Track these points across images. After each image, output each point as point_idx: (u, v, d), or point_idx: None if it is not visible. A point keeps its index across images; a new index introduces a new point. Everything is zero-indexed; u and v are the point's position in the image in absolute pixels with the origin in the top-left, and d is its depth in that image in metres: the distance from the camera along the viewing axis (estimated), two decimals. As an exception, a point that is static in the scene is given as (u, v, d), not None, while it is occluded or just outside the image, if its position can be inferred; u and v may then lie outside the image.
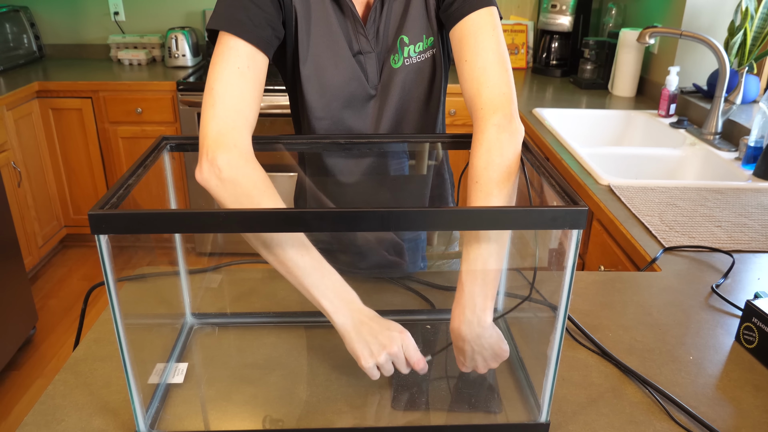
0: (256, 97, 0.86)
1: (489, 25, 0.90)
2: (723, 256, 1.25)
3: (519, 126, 0.86)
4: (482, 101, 0.86)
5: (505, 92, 0.87)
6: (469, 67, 0.89)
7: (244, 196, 0.77)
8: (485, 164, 0.81)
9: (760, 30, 2.12)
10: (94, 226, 0.60)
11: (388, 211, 0.60)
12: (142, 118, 2.94)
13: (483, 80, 0.87)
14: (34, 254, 2.90)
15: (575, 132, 2.37)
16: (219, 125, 0.80)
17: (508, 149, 0.83)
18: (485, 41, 0.89)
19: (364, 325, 0.79)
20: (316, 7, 0.97)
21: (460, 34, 0.92)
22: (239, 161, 0.79)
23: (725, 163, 1.82)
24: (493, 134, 0.83)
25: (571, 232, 0.63)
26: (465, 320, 0.78)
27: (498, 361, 0.82)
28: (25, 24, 3.26)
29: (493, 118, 0.84)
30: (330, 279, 0.79)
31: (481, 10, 0.90)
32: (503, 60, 0.89)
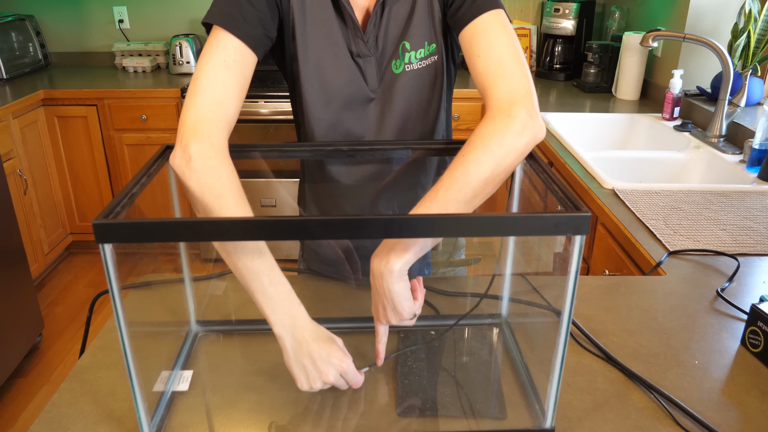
0: (239, 91, 0.87)
1: (500, 23, 0.88)
2: (728, 259, 1.24)
3: (538, 125, 0.80)
4: (499, 92, 0.81)
5: (525, 85, 0.82)
6: (482, 61, 0.85)
7: (207, 187, 0.78)
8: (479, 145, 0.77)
9: (764, 32, 2.11)
10: (98, 235, 0.61)
11: (389, 219, 0.60)
12: (147, 125, 2.96)
13: (500, 72, 0.83)
14: (40, 261, 2.92)
15: (579, 136, 2.37)
16: (197, 114, 0.82)
17: (513, 142, 0.77)
18: (498, 37, 0.86)
19: (303, 347, 0.78)
20: (314, 9, 0.98)
21: (471, 34, 0.89)
22: (210, 152, 0.80)
23: (730, 166, 1.82)
24: (503, 122, 0.78)
25: (574, 237, 0.63)
26: (378, 256, 0.78)
27: (396, 318, 0.81)
28: (30, 32, 3.28)
29: (510, 109, 0.79)
30: (278, 288, 0.78)
31: (490, 11, 0.89)
32: (519, 56, 0.85)
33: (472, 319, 1.01)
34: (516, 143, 0.77)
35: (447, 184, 0.76)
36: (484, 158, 0.76)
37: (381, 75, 1.03)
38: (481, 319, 1.01)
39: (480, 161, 0.76)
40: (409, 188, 1.12)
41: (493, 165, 0.76)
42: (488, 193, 0.77)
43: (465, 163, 0.76)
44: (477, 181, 0.76)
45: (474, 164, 0.76)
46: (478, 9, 0.89)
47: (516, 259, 0.99)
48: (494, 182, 0.77)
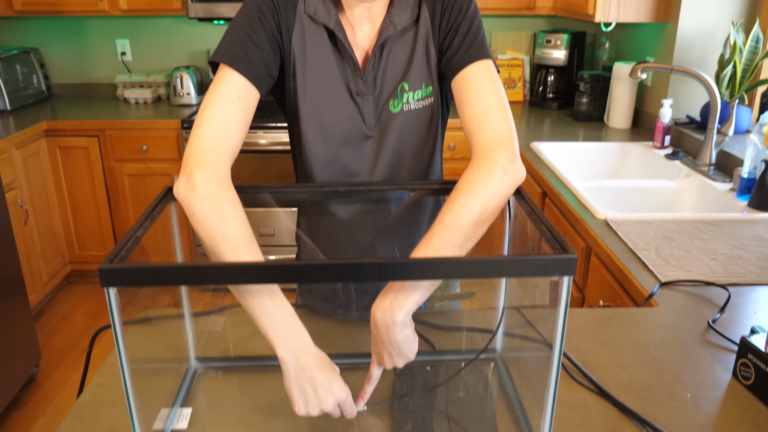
0: (242, 124, 0.92)
1: (488, 74, 0.95)
2: (719, 289, 1.27)
3: (518, 168, 0.85)
4: (483, 138, 0.88)
5: (506, 131, 0.88)
6: (470, 108, 0.92)
7: (210, 213, 0.81)
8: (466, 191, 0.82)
9: (749, 63, 2.16)
10: (104, 279, 0.63)
11: (385, 263, 0.62)
12: (148, 155, 2.99)
13: (485, 119, 0.90)
14: (39, 291, 2.93)
15: (572, 165, 2.40)
16: (202, 145, 0.87)
17: (496, 185, 0.82)
18: (486, 87, 0.93)
19: (305, 372, 0.80)
20: (315, 47, 1.03)
21: (461, 81, 0.96)
22: (213, 180, 0.84)
23: (720, 194, 1.85)
24: (486, 167, 0.84)
25: (562, 278, 0.65)
26: (380, 307, 0.80)
27: (402, 361, 0.84)
28: (35, 65, 3.33)
29: (492, 154, 0.85)
30: (282, 311, 0.80)
31: (480, 61, 0.96)
32: (504, 104, 0.92)
33: (467, 354, 1.02)
34: (500, 186, 0.83)
35: (440, 230, 0.80)
36: (472, 202, 0.81)
37: (378, 114, 1.06)
38: (474, 354, 1.03)
39: (469, 205, 0.81)
40: (406, 227, 1.15)
41: (481, 208, 0.81)
42: (479, 235, 0.81)
43: (455, 208, 0.81)
44: (467, 224, 0.80)
45: (463, 209, 0.80)
46: (469, 58, 0.96)
47: (512, 289, 1.01)
48: (484, 224, 0.82)
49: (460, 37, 0.98)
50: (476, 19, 1.00)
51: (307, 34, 1.02)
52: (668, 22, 2.51)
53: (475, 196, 0.81)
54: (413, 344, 0.83)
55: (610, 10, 2.51)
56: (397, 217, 1.14)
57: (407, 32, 1.04)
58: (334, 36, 1.03)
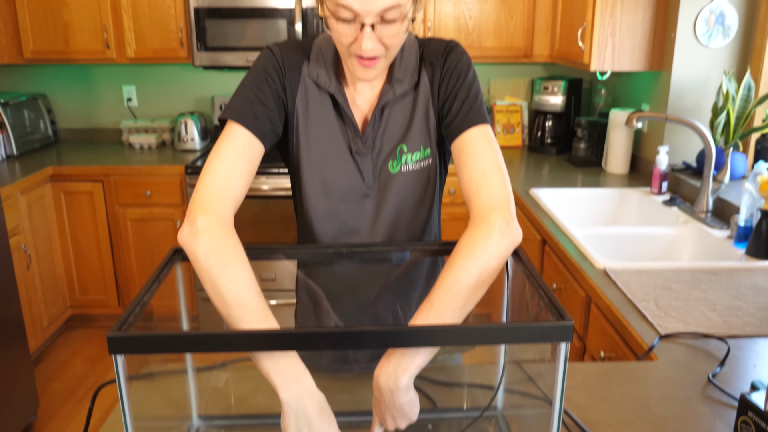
0: (246, 175, 0.96)
1: (485, 138, 0.99)
2: (719, 341, 1.27)
3: (515, 231, 0.88)
4: (481, 201, 0.91)
5: (503, 195, 0.92)
6: (468, 171, 0.96)
7: (213, 256, 0.84)
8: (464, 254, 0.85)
9: (742, 111, 2.21)
10: (112, 347, 0.64)
11: (386, 331, 0.64)
12: (151, 200, 3.03)
13: (483, 182, 0.93)
14: (39, 336, 2.92)
15: (571, 211, 2.43)
16: (206, 193, 0.90)
17: (494, 248, 0.85)
18: (483, 151, 0.97)
19: (306, 416, 0.80)
20: (317, 108, 1.07)
21: (460, 145, 1.00)
22: (216, 225, 0.87)
23: (718, 242, 1.87)
24: (484, 230, 0.87)
25: (560, 344, 0.67)
26: (384, 372, 0.82)
27: (405, 423, 0.86)
28: (42, 110, 3.40)
29: (489, 217, 0.88)
30: (285, 353, 0.80)
31: (477, 126, 1.00)
32: (500, 167, 0.95)
33: (469, 412, 1.03)
34: (497, 248, 0.86)
35: (440, 294, 0.82)
36: (471, 265, 0.83)
37: (377, 173, 1.10)
38: (476, 412, 1.03)
39: (467, 268, 0.83)
40: (406, 286, 1.17)
41: (480, 271, 0.83)
42: (479, 296, 0.83)
43: (454, 271, 0.83)
44: (467, 287, 0.82)
45: (463, 272, 0.83)
46: (467, 123, 1.00)
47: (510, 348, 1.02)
48: (483, 286, 0.84)
49: (458, 103, 1.02)
50: (474, 85, 1.04)
51: (310, 95, 1.07)
52: (662, 70, 2.57)
53: (473, 259, 0.84)
54: (416, 405, 0.85)
55: (605, 59, 2.57)
56: (397, 276, 1.16)
57: (407, 95, 1.08)
58: (335, 99, 1.07)
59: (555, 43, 3.05)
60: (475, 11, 3.09)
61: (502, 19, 3.10)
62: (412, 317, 0.83)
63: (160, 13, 3.09)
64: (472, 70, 1.06)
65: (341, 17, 0.91)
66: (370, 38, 0.91)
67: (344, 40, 0.94)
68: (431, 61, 1.07)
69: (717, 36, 2.43)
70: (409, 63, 1.07)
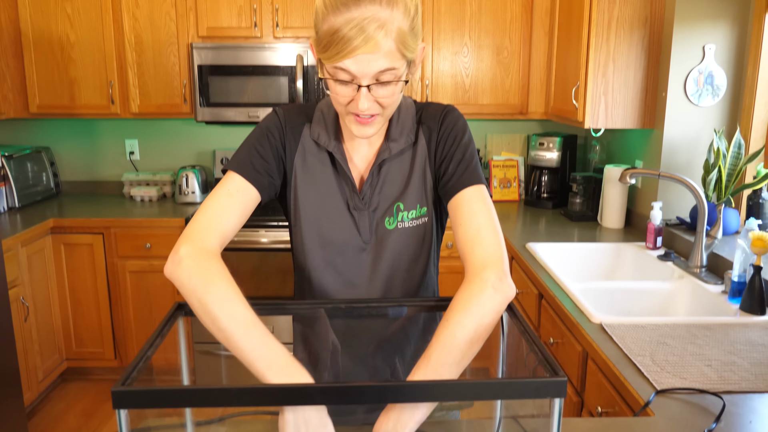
0: (236, 214, 1.03)
1: (480, 198, 1.03)
2: (714, 397, 1.28)
3: (509, 286, 0.92)
4: (475, 258, 0.95)
5: (497, 252, 0.96)
6: (463, 230, 1.00)
7: (196, 276, 0.89)
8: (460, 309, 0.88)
9: (733, 168, 2.26)
10: (116, 401, 0.66)
11: (383, 386, 0.66)
12: (151, 252, 3.05)
13: (477, 240, 0.97)
14: (34, 389, 2.89)
15: (568, 265, 2.45)
16: (193, 227, 0.98)
17: (489, 304, 0.89)
18: (478, 209, 1.02)
19: (304, 412, 0.81)
20: (316, 166, 1.13)
21: (456, 204, 1.05)
22: (198, 251, 0.92)
23: (713, 297, 1.89)
24: (478, 286, 0.91)
25: (553, 400, 0.68)
26: (383, 428, 0.83)
27: None
28: (45, 163, 3.46)
29: (483, 273, 0.92)
30: (277, 352, 0.84)
31: (473, 186, 1.04)
32: (494, 226, 1.00)
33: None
34: (491, 303, 0.89)
35: (437, 349, 0.84)
36: (466, 320, 0.86)
37: (374, 228, 1.14)
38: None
39: (463, 324, 0.86)
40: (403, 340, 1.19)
41: (475, 326, 0.86)
42: (475, 351, 0.86)
43: (450, 327, 0.86)
44: (463, 342, 0.85)
45: (458, 327, 0.86)
46: (463, 183, 1.05)
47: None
48: (479, 341, 0.87)
49: (454, 164, 1.07)
50: (470, 147, 1.10)
51: (308, 154, 1.13)
52: (654, 128, 2.64)
53: (468, 314, 0.87)
54: None
55: (599, 117, 2.65)
56: (393, 331, 1.18)
57: (404, 155, 1.13)
58: (334, 157, 1.13)
59: (550, 100, 3.15)
60: (472, 69, 3.20)
61: (498, 78, 3.20)
62: (411, 372, 0.84)
63: (164, 69, 3.19)
64: (468, 133, 1.11)
65: (339, 79, 0.97)
66: (366, 98, 0.97)
67: (342, 100, 1.00)
68: (428, 123, 1.13)
69: (707, 95, 2.51)
70: (405, 124, 1.13)
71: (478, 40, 3.17)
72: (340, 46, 0.92)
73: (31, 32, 3.15)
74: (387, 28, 0.92)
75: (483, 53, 3.18)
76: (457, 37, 3.16)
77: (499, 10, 3.13)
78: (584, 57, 2.61)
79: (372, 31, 0.91)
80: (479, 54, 3.18)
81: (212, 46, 3.09)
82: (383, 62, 0.94)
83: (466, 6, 3.13)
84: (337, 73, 0.96)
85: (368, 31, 0.90)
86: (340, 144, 1.13)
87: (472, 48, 3.18)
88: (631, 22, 2.56)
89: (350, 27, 0.90)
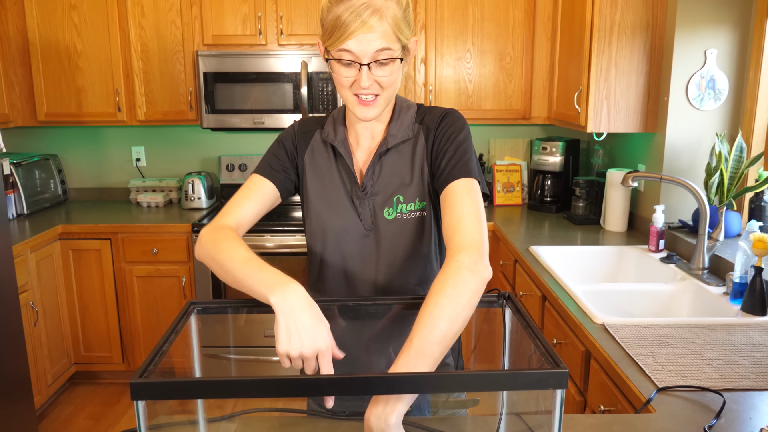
0: (253, 203, 1.20)
1: (466, 189, 1.10)
2: (715, 395, 1.30)
3: (485, 268, 0.98)
4: (453, 243, 1.02)
5: (475, 237, 1.02)
6: (447, 218, 1.08)
7: (210, 243, 1.07)
8: (437, 291, 0.93)
9: (735, 171, 2.28)
10: (134, 393, 0.69)
11: (389, 377, 0.68)
12: (158, 257, 3.08)
13: (457, 227, 1.04)
14: (43, 393, 2.92)
15: (571, 268, 2.47)
16: (215, 218, 1.16)
17: (465, 285, 0.94)
18: (462, 199, 1.08)
19: (294, 314, 0.89)
20: (323, 162, 1.25)
21: (444, 195, 1.12)
22: (213, 228, 1.11)
23: (714, 298, 1.91)
24: (453, 269, 0.96)
25: (555, 392, 0.71)
26: (374, 413, 0.86)
27: None
28: (53, 170, 3.50)
29: (458, 256, 0.98)
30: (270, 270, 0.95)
31: (462, 179, 1.11)
32: (477, 214, 1.06)
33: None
34: (468, 284, 0.94)
35: (418, 330, 0.90)
36: (443, 300, 0.92)
37: (374, 217, 1.22)
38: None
39: (441, 304, 0.91)
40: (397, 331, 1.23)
41: (452, 305, 0.92)
42: (456, 331, 0.91)
43: (429, 308, 0.92)
44: (442, 321, 0.90)
45: (437, 307, 0.91)
46: (453, 176, 1.12)
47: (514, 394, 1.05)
48: (459, 320, 0.92)
49: (447, 159, 1.15)
50: (465, 143, 1.17)
51: (316, 152, 1.26)
52: (656, 132, 2.66)
53: (445, 295, 0.92)
54: None
55: (601, 122, 2.67)
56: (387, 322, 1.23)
57: (404, 149, 1.22)
58: (338, 151, 1.23)
59: (552, 105, 3.17)
60: (475, 75, 3.23)
61: (501, 83, 3.23)
62: (396, 357, 0.88)
63: (170, 77, 3.23)
64: (464, 132, 1.18)
65: (343, 59, 1.09)
66: (367, 76, 1.09)
67: (346, 81, 1.11)
68: (428, 124, 1.22)
69: (708, 99, 2.53)
70: (404, 121, 1.23)
71: (481, 45, 3.20)
72: (342, 29, 1.05)
73: (38, 41, 3.20)
74: (382, 12, 1.06)
75: (486, 59, 3.21)
76: (460, 43, 3.20)
77: (502, 17, 3.17)
78: (586, 62, 2.64)
79: (368, 15, 1.04)
80: (482, 60, 3.21)
81: (217, 53, 3.13)
82: (380, 42, 1.06)
83: (468, 12, 3.16)
84: (341, 55, 1.08)
85: (364, 15, 1.04)
86: (346, 140, 1.24)
87: (475, 54, 3.21)
88: (633, 28, 2.59)
89: (350, 12, 1.04)
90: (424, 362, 0.87)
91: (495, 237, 2.96)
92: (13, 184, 3.17)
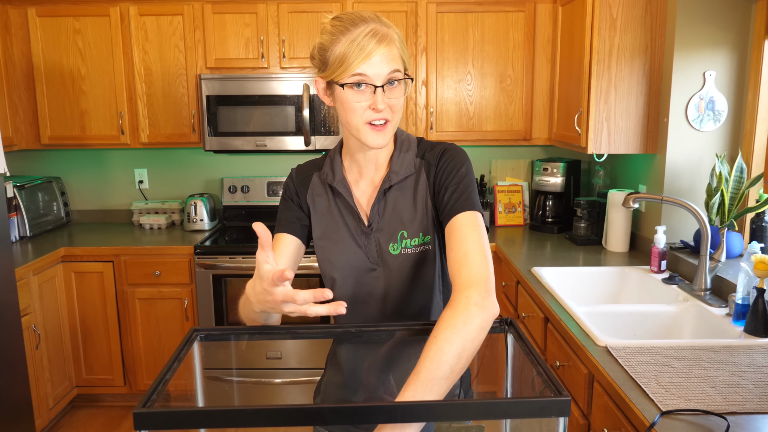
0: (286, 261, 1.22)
1: (471, 223, 1.11)
2: (719, 418, 1.29)
3: (492, 303, 0.98)
4: (461, 278, 1.03)
5: (482, 273, 1.03)
6: (453, 253, 1.08)
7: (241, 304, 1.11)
8: (446, 326, 0.93)
9: (736, 192, 2.29)
10: (138, 423, 0.69)
11: (393, 406, 0.68)
12: (160, 280, 3.09)
13: (464, 262, 1.04)
14: (44, 417, 2.91)
15: (573, 290, 2.47)
16: None
17: (474, 321, 0.95)
18: (467, 234, 1.09)
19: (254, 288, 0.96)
20: (325, 202, 1.26)
21: (449, 229, 1.13)
22: None
23: (717, 320, 1.90)
24: (462, 304, 0.97)
25: (558, 419, 0.71)
26: None
27: None
28: (56, 193, 3.52)
29: (467, 291, 0.99)
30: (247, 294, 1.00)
31: (465, 212, 1.12)
32: (482, 249, 1.07)
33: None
34: (477, 320, 0.95)
35: (426, 364, 0.90)
36: (453, 336, 0.92)
37: (379, 252, 1.22)
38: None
39: (450, 339, 0.92)
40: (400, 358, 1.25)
41: (462, 341, 0.92)
42: (462, 366, 0.91)
43: (437, 342, 0.92)
44: (451, 356, 0.90)
45: (446, 342, 0.91)
46: (456, 210, 1.13)
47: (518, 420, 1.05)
48: (466, 356, 0.92)
49: (450, 192, 1.16)
50: (466, 177, 1.18)
51: (315, 194, 1.27)
52: (657, 153, 2.68)
53: (455, 330, 0.92)
54: None
55: (601, 143, 2.69)
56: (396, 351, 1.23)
57: (407, 185, 1.23)
58: (340, 191, 1.24)
59: (553, 127, 3.19)
60: (476, 97, 3.26)
61: (502, 105, 3.26)
62: (402, 389, 0.88)
63: (173, 100, 3.26)
64: (466, 165, 1.20)
65: (357, 83, 1.10)
66: (381, 98, 1.10)
67: (359, 107, 1.12)
68: (429, 160, 1.23)
69: (708, 120, 2.55)
70: (406, 158, 1.24)
71: (482, 68, 3.23)
72: (358, 51, 1.07)
73: (43, 66, 3.23)
74: (390, 37, 1.10)
75: (486, 81, 3.24)
76: (461, 65, 3.23)
77: (502, 39, 3.20)
78: (586, 84, 2.67)
79: (378, 39, 1.08)
80: (482, 82, 3.24)
81: (220, 77, 3.16)
82: (392, 63, 1.10)
83: (469, 35, 3.20)
84: (354, 81, 1.09)
85: (375, 40, 1.07)
86: (344, 179, 1.25)
87: (475, 76, 3.24)
88: (632, 50, 2.62)
89: (364, 35, 1.07)
90: (431, 396, 0.88)
91: (497, 258, 2.96)
92: (16, 206, 3.19)
